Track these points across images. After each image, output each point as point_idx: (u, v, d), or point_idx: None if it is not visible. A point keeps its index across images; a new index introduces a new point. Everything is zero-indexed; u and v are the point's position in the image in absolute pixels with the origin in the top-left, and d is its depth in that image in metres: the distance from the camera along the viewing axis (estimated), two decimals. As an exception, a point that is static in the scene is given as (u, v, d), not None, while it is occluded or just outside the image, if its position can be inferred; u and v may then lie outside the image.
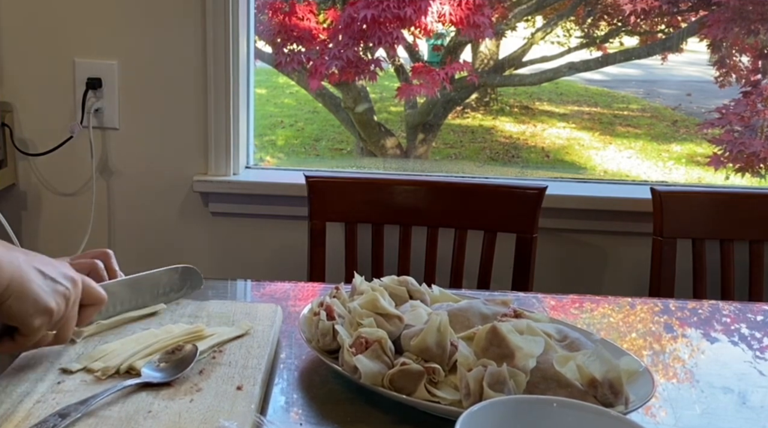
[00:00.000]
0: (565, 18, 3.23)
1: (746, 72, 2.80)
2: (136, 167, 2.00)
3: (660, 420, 0.86)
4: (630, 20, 3.05)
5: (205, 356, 0.88)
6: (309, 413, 0.83)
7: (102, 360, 0.85)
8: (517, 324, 0.87)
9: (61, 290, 0.77)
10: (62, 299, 0.77)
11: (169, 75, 1.95)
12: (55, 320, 0.77)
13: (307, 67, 2.82)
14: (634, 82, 4.00)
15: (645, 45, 3.20)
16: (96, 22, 1.93)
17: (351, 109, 2.99)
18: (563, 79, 3.37)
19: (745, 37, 2.73)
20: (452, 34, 2.98)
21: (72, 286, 0.79)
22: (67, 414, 0.73)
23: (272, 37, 2.80)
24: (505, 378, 0.77)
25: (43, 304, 0.74)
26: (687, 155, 3.55)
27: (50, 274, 0.77)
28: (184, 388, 0.81)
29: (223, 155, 1.98)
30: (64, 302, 0.77)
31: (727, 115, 2.71)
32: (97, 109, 1.96)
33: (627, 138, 3.69)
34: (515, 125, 3.62)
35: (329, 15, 2.84)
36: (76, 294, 0.80)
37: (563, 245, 2.02)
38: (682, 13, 2.99)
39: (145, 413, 0.75)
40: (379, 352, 0.83)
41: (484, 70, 3.16)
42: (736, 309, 1.23)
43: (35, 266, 0.75)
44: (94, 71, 1.95)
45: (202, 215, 2.00)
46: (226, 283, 1.22)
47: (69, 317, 0.79)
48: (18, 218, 2.04)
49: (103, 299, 0.85)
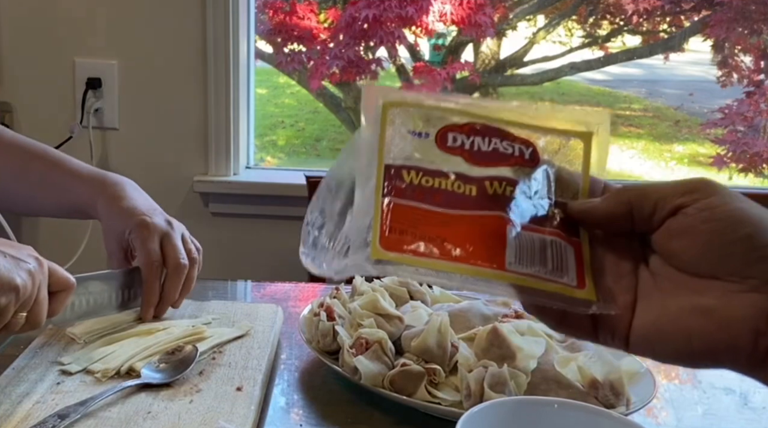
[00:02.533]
0: (566, 17, 3.22)
1: (749, 72, 2.79)
2: (136, 167, 2.00)
3: (661, 421, 0.85)
4: (632, 20, 3.05)
5: (205, 357, 0.87)
6: (309, 414, 0.83)
7: (102, 362, 0.84)
8: (518, 324, 0.87)
9: (26, 267, 0.75)
10: (28, 276, 0.75)
11: (169, 75, 1.95)
12: (22, 298, 0.74)
13: (307, 67, 2.82)
14: (636, 82, 3.99)
15: (647, 45, 3.19)
16: (96, 22, 1.93)
17: (352, 109, 2.99)
18: (565, 79, 3.36)
19: (748, 37, 2.73)
20: (453, 34, 2.98)
21: (37, 264, 0.77)
22: (66, 415, 0.72)
23: (273, 36, 2.80)
24: (506, 379, 0.77)
25: (7, 279, 0.72)
26: (689, 155, 3.54)
27: (11, 253, 0.74)
28: (184, 389, 0.80)
29: (223, 155, 1.98)
30: (30, 279, 0.75)
31: (729, 115, 2.71)
32: (97, 109, 1.96)
33: (629, 138, 3.69)
34: (517, 124, 3.61)
35: (330, 14, 2.84)
36: (42, 274, 0.77)
37: (565, 246, 2.02)
38: (684, 12, 2.99)
39: (145, 414, 0.75)
40: (380, 353, 0.83)
41: (485, 69, 3.15)
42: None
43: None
44: (94, 71, 1.94)
45: (202, 216, 2.00)
46: (226, 283, 1.22)
47: (39, 299, 0.77)
48: (18, 219, 2.04)
49: (71, 284, 0.83)
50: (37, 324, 0.79)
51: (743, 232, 0.45)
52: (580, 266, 0.50)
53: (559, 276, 0.49)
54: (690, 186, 0.47)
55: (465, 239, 0.49)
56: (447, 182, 0.51)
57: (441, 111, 0.53)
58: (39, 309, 0.78)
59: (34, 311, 0.78)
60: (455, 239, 0.49)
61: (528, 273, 0.48)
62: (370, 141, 0.52)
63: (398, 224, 0.49)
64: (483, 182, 0.51)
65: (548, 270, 0.49)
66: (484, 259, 0.49)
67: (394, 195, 0.50)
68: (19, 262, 0.75)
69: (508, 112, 0.53)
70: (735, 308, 0.44)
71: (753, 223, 0.45)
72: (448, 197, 0.50)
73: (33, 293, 0.76)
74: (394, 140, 0.52)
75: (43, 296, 0.78)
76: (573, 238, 0.51)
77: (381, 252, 0.49)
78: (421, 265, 0.49)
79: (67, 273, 0.83)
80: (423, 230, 0.49)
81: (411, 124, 0.52)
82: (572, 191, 0.52)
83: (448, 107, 0.53)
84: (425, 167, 0.51)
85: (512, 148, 0.52)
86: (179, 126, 1.97)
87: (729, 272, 0.45)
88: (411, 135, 0.52)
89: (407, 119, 0.52)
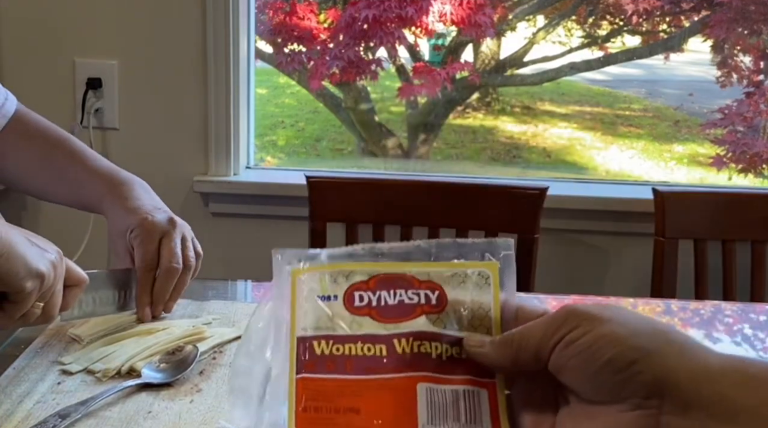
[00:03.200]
0: (566, 18, 3.22)
1: (748, 72, 2.79)
2: (136, 167, 1.98)
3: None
4: (632, 20, 3.05)
5: (206, 357, 0.87)
6: (310, 414, 0.83)
7: (102, 361, 0.84)
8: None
9: (50, 257, 0.76)
10: (51, 266, 0.75)
11: (169, 75, 1.95)
12: (45, 286, 0.75)
13: (307, 67, 2.82)
14: (636, 82, 3.99)
15: (647, 45, 3.19)
16: (96, 22, 1.93)
17: (352, 109, 2.99)
18: (565, 79, 3.36)
19: (748, 38, 2.73)
20: (453, 34, 2.98)
21: (58, 257, 0.77)
22: (67, 414, 0.72)
23: (273, 37, 2.80)
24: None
25: (34, 265, 0.72)
26: (689, 156, 3.54)
27: (36, 242, 0.75)
28: (185, 389, 0.80)
29: (223, 155, 1.97)
30: (53, 270, 0.75)
31: (729, 115, 2.71)
32: (97, 109, 1.96)
33: (629, 138, 3.69)
34: (517, 125, 3.62)
35: (330, 15, 2.83)
36: (62, 267, 0.78)
37: (565, 246, 2.02)
38: (684, 12, 2.99)
39: (145, 413, 0.75)
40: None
41: (485, 70, 3.15)
42: (739, 310, 1.23)
43: (21, 233, 0.74)
44: (94, 71, 1.94)
45: (202, 216, 2.00)
46: (226, 283, 1.22)
47: (56, 291, 0.78)
48: (18, 219, 2.04)
49: (84, 279, 0.83)
50: (50, 317, 0.80)
51: (604, 359, 0.45)
52: (495, 411, 0.49)
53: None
54: (558, 321, 0.48)
55: (378, 408, 0.49)
56: (356, 347, 0.50)
57: (347, 269, 0.53)
58: (55, 301, 0.79)
59: (50, 303, 0.78)
60: (369, 409, 0.49)
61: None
62: (281, 313, 0.52)
63: (313, 402, 0.49)
64: (392, 339, 0.50)
65: (461, 424, 0.48)
66: (399, 427, 0.48)
67: (307, 370, 0.50)
68: (43, 252, 0.75)
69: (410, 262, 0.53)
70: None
71: (613, 346, 0.45)
72: (359, 363, 0.50)
73: (54, 284, 0.77)
74: (305, 309, 0.52)
75: (59, 289, 0.79)
76: (486, 380, 0.50)
77: None
78: None
79: (80, 269, 0.84)
80: (337, 403, 0.49)
81: (319, 289, 0.52)
82: (485, 326, 0.51)
83: (353, 264, 0.53)
84: (335, 334, 0.51)
85: (418, 296, 0.52)
86: (179, 126, 1.97)
87: (609, 396, 0.46)
88: (320, 300, 0.52)
89: (315, 284, 0.52)
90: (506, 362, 0.49)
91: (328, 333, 0.51)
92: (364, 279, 0.52)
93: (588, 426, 0.46)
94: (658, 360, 0.44)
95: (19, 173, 1.13)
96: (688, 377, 0.44)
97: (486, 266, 0.53)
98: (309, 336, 0.51)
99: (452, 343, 0.51)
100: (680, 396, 0.44)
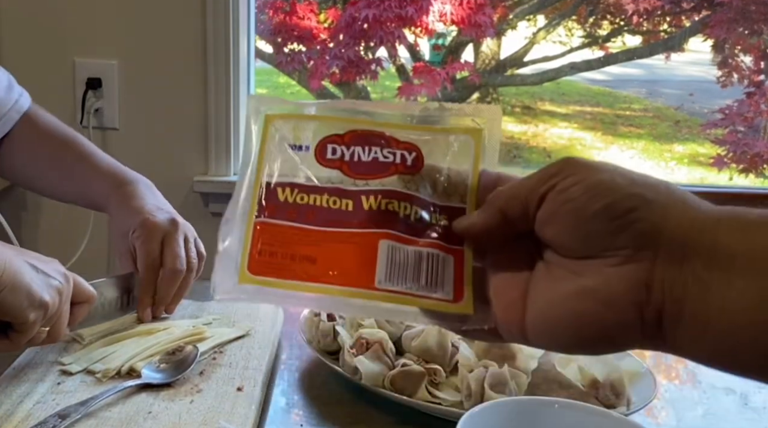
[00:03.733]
0: (566, 17, 3.22)
1: (749, 72, 2.79)
2: (136, 167, 1.98)
3: (662, 421, 0.85)
4: (632, 20, 3.05)
5: (206, 357, 0.87)
6: (310, 414, 0.83)
7: (102, 362, 0.84)
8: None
9: (55, 284, 0.76)
10: (56, 294, 0.76)
11: (169, 75, 1.95)
12: (49, 314, 0.75)
13: (307, 67, 2.82)
14: (636, 82, 4.00)
15: (647, 45, 3.19)
16: (96, 22, 1.93)
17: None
18: (565, 79, 3.36)
19: (748, 37, 2.73)
20: (453, 34, 2.98)
21: (64, 281, 0.78)
22: (67, 415, 0.72)
23: (273, 36, 2.80)
24: (507, 379, 0.77)
25: (38, 297, 0.73)
26: (689, 156, 3.54)
27: (42, 268, 0.75)
28: (185, 389, 0.80)
29: (223, 155, 1.97)
30: (57, 297, 0.76)
31: (730, 115, 2.71)
32: (97, 109, 1.96)
33: (629, 138, 3.69)
34: (517, 125, 3.62)
35: (330, 14, 2.84)
36: (68, 290, 0.79)
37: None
38: (684, 12, 2.99)
39: (146, 414, 0.75)
40: (380, 353, 0.83)
41: (485, 69, 3.15)
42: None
43: (26, 260, 0.74)
44: (94, 71, 1.94)
45: (202, 216, 2.00)
46: (226, 283, 1.22)
47: (61, 313, 0.78)
48: (18, 219, 2.04)
49: (92, 296, 0.84)
50: (57, 338, 0.81)
51: (600, 204, 0.43)
52: (459, 277, 0.47)
53: (432, 291, 0.46)
54: (551, 171, 0.45)
55: (336, 259, 0.47)
56: (322, 199, 0.49)
57: (324, 121, 0.51)
58: (61, 324, 0.79)
59: (56, 326, 0.79)
60: (326, 259, 0.47)
61: (398, 291, 0.46)
62: (250, 157, 0.50)
63: (268, 246, 0.48)
64: (360, 195, 0.48)
65: (421, 285, 0.46)
66: (354, 279, 0.46)
67: (267, 215, 0.48)
68: (48, 279, 0.76)
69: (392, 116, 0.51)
70: (614, 284, 0.42)
71: (612, 192, 0.43)
72: (322, 214, 0.48)
73: (59, 308, 0.77)
74: (274, 156, 0.50)
75: (66, 310, 0.79)
76: (455, 247, 0.48)
77: (248, 277, 0.47)
78: (289, 288, 0.47)
79: (88, 285, 0.85)
80: (294, 250, 0.47)
81: (292, 137, 0.50)
82: (460, 193, 0.49)
83: (331, 116, 0.51)
84: (300, 183, 0.49)
85: (393, 155, 0.49)
86: (179, 126, 1.97)
87: (599, 248, 0.43)
88: (291, 149, 0.50)
89: (289, 132, 0.50)
90: (492, 218, 0.46)
91: (293, 181, 0.49)
92: (340, 133, 0.50)
93: (569, 284, 0.44)
94: (659, 209, 0.42)
95: (28, 170, 1.13)
96: (687, 225, 0.42)
97: (468, 132, 0.50)
98: (273, 183, 0.49)
99: (423, 206, 0.48)
100: (676, 245, 0.41)
